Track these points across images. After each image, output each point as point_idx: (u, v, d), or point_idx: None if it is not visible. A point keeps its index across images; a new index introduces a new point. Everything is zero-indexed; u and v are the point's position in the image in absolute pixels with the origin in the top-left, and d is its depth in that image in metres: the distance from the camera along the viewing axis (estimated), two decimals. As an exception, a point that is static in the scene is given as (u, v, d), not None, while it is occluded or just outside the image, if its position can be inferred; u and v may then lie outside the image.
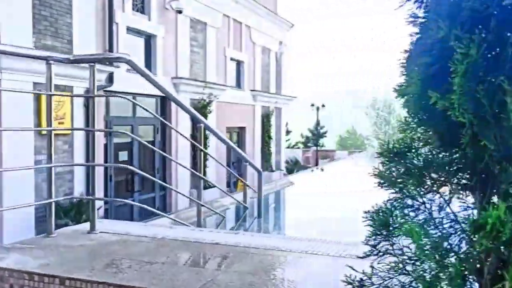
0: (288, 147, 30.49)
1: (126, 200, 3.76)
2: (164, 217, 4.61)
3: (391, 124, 49.18)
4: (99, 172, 11.16)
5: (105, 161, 11.55)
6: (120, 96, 3.49)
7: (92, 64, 3.26)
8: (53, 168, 3.24)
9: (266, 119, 19.34)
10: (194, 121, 4.06)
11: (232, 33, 17.01)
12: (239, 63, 17.77)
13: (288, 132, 31.34)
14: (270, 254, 2.84)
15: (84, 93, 8.73)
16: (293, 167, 23.79)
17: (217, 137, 4.75)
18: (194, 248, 3.00)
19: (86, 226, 3.50)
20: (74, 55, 4.07)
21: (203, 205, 4.24)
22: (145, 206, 3.67)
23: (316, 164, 25.74)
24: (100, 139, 11.20)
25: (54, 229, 3.26)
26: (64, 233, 3.34)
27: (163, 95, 13.18)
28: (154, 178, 4.64)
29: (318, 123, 32.93)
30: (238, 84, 17.86)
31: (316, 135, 33.38)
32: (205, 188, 15.63)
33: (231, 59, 17.06)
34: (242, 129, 18.33)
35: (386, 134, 47.98)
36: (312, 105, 29.67)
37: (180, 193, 6.66)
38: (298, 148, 34.91)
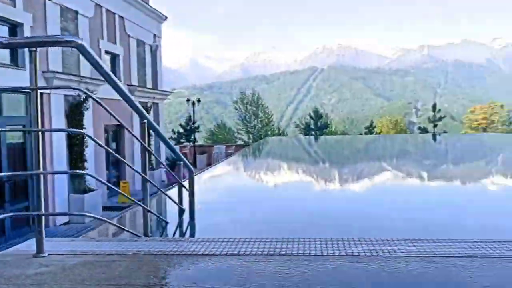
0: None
1: (99, 216, 3.06)
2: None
3: (259, 118, 50.76)
4: (-37, 182, 9.58)
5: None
6: (81, 91, 2.86)
7: (34, 49, 2.65)
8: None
9: (144, 115, 18.50)
10: (142, 117, 3.60)
11: (106, 24, 15.89)
12: (114, 57, 16.68)
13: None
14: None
15: None
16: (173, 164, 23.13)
17: (157, 133, 4.31)
18: (185, 263, 2.61)
19: (28, 247, 2.85)
20: (7, 37, 3.31)
21: (150, 211, 3.77)
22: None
23: (194, 160, 25.41)
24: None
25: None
26: (4, 259, 2.67)
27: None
28: (112, 186, 4.00)
29: (190, 118, 32.49)
30: (114, 79, 16.80)
31: (189, 130, 32.90)
32: (84, 191, 14.48)
33: (106, 52, 15.94)
34: (120, 127, 17.29)
35: (256, 128, 49.42)
36: (188, 100, 29.09)
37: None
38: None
